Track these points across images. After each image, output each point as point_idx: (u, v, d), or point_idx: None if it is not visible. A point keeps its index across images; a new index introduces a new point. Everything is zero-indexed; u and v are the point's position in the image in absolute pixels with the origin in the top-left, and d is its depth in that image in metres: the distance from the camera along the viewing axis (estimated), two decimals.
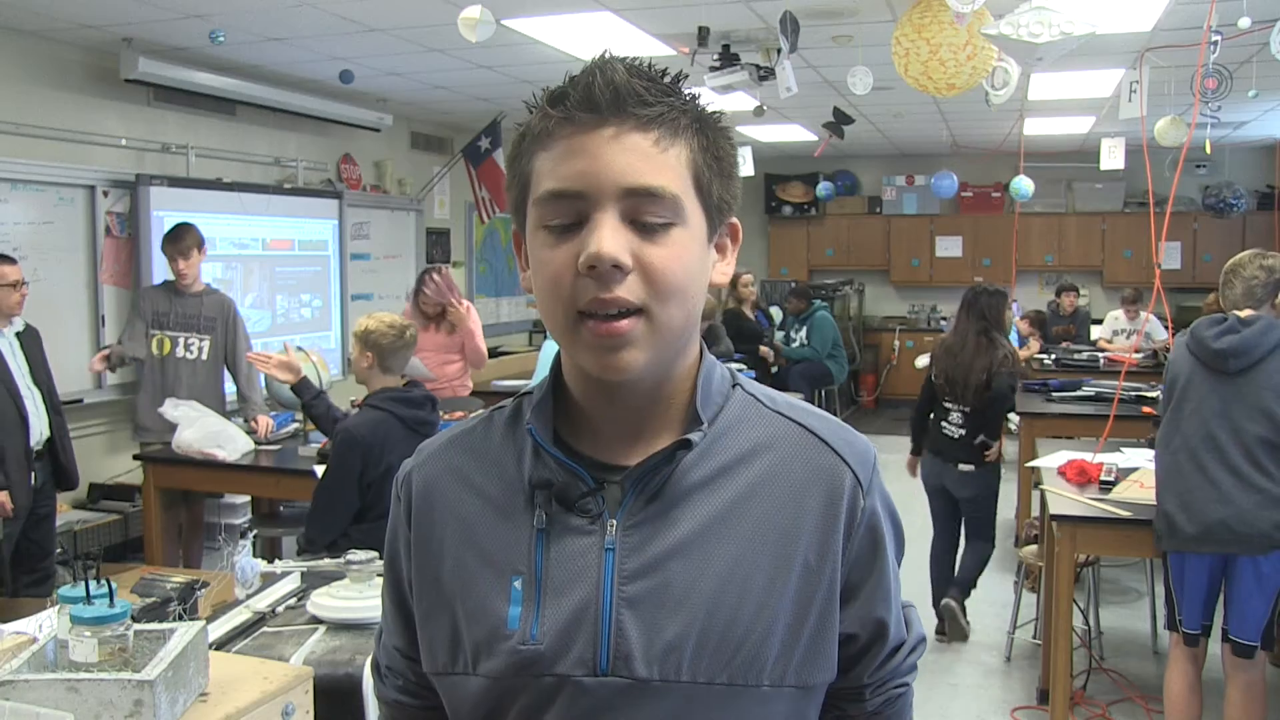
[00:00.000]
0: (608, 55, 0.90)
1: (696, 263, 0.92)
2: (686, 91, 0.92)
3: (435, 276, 5.37)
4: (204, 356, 4.80)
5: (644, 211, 0.87)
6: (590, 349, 0.89)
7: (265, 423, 4.76)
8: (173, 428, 4.46)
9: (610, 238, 0.86)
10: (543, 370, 5.12)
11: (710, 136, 0.92)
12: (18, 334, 4.06)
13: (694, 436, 0.93)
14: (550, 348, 5.13)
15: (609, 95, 0.87)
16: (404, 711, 1.08)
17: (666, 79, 0.91)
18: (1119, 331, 8.31)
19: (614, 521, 0.92)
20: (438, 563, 0.98)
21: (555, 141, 0.89)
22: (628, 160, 0.87)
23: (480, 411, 1.07)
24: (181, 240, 4.77)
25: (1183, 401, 3.15)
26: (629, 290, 0.87)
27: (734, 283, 7.84)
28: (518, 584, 0.93)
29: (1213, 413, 3.08)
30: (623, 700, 0.90)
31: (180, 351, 4.79)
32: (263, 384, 4.91)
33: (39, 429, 4.06)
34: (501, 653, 0.92)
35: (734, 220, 0.98)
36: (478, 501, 0.98)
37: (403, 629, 1.05)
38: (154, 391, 4.78)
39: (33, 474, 4.02)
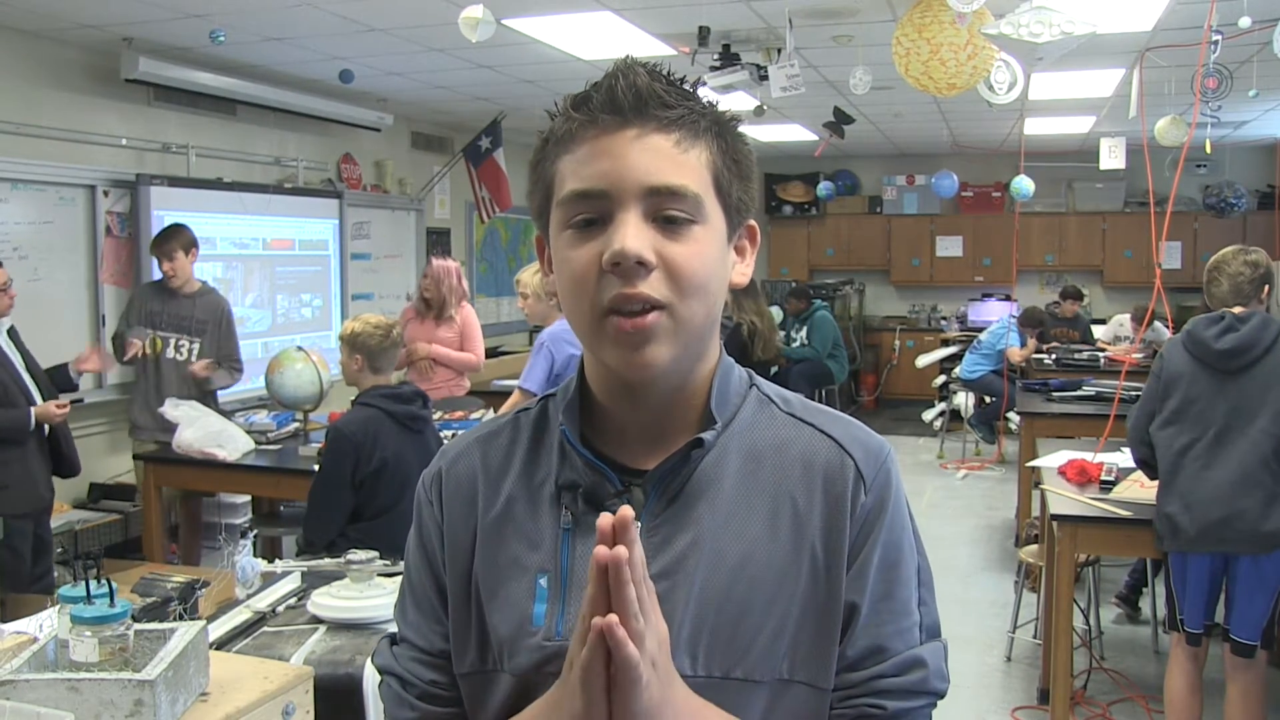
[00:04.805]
0: (629, 60, 0.92)
1: (717, 261, 0.93)
2: (704, 97, 0.94)
3: (435, 261, 5.44)
4: (193, 358, 4.78)
5: (666, 209, 0.89)
6: (615, 345, 0.90)
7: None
8: (167, 426, 4.45)
9: (634, 235, 0.87)
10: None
11: (729, 140, 0.94)
12: (7, 332, 4.07)
13: (706, 436, 0.94)
14: None
15: (632, 98, 0.89)
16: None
17: (686, 85, 0.93)
18: (1121, 338, 8.30)
19: (638, 524, 0.92)
20: (467, 561, 0.99)
21: (579, 144, 0.91)
22: (650, 160, 0.89)
23: (497, 414, 1.10)
24: (167, 243, 4.75)
25: (1185, 403, 3.14)
26: (652, 287, 0.88)
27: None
28: (543, 582, 0.94)
29: (1217, 412, 3.07)
30: None
31: (170, 352, 4.78)
32: (263, 385, 4.90)
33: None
34: (527, 649, 0.93)
35: (752, 222, 1.00)
36: (505, 501, 0.99)
37: (436, 628, 1.01)
38: (146, 391, 4.79)
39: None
